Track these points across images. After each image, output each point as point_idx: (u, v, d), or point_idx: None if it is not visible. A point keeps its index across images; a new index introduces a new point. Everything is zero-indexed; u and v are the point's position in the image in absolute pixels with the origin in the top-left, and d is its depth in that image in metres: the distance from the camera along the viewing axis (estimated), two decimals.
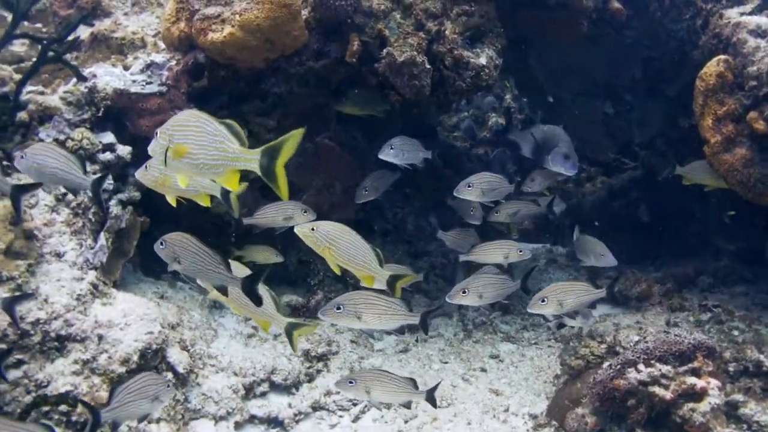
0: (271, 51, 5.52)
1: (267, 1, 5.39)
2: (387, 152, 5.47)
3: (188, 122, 3.42)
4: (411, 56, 5.36)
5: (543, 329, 6.41)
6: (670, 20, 6.41)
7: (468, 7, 5.76)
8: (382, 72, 5.44)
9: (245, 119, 5.74)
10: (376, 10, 5.54)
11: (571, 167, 5.98)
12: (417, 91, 5.45)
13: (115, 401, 4.00)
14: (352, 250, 3.99)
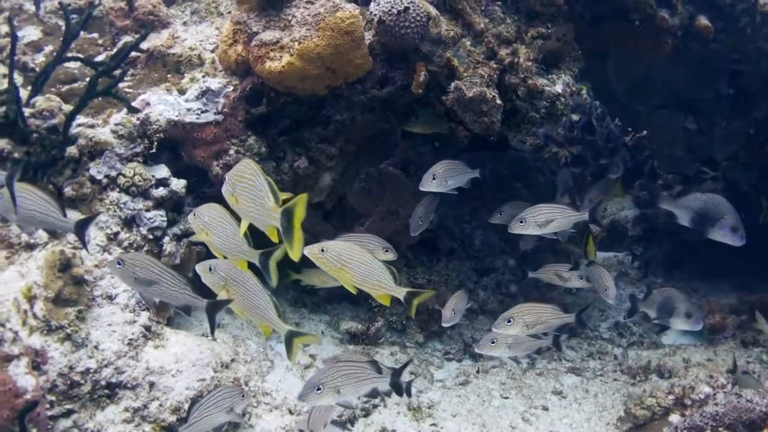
0: (332, 79, 4.94)
1: (328, 28, 4.79)
2: (429, 183, 4.86)
3: (245, 173, 3.52)
4: (481, 92, 4.73)
5: (610, 357, 5.84)
6: (762, 38, 5.65)
7: (545, 29, 5.08)
8: (449, 106, 4.83)
9: (306, 146, 5.20)
10: (445, 37, 4.89)
11: (740, 239, 5.33)
12: (486, 127, 4.83)
13: (192, 418, 3.95)
14: (365, 270, 3.78)
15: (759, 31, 5.64)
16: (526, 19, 5.10)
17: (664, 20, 5.39)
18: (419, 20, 4.80)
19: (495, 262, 6.26)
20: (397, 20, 4.78)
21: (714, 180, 6.97)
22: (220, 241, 3.75)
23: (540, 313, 4.63)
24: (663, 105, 6.24)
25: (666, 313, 5.33)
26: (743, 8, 5.66)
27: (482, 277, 6.16)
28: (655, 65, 5.91)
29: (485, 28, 4.93)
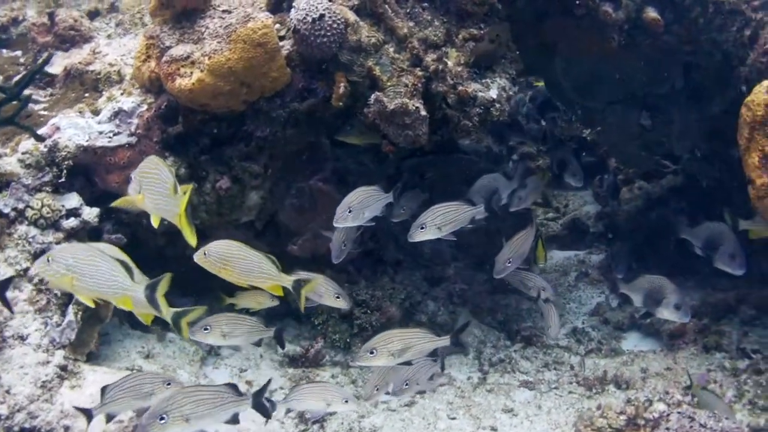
0: (248, 94, 4.34)
1: (239, 40, 4.19)
2: (345, 218, 4.18)
3: (149, 169, 3.52)
4: (402, 104, 4.10)
5: (566, 368, 5.20)
6: (715, 29, 4.95)
7: (477, 30, 4.44)
8: (371, 120, 4.20)
9: (229, 164, 4.59)
10: (366, 44, 4.27)
11: (738, 267, 4.87)
12: (412, 140, 4.21)
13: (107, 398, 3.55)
14: (248, 264, 3.61)
15: (712, 21, 4.95)
16: (457, 20, 4.48)
17: (608, 14, 4.72)
18: (336, 28, 4.17)
19: (446, 271, 5.61)
20: (313, 29, 4.16)
21: (674, 174, 6.32)
22: (94, 281, 3.31)
23: (407, 340, 3.92)
24: (615, 101, 5.56)
25: (654, 302, 4.76)
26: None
27: (433, 288, 5.52)
28: (604, 60, 5.23)
29: (409, 32, 4.29)
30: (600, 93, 5.43)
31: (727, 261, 4.86)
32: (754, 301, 5.45)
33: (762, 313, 5.42)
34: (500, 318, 5.55)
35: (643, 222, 6.13)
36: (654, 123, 5.62)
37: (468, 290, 5.54)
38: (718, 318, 5.46)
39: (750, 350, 5.05)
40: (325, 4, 4.19)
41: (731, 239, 4.88)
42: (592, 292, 5.99)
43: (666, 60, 5.25)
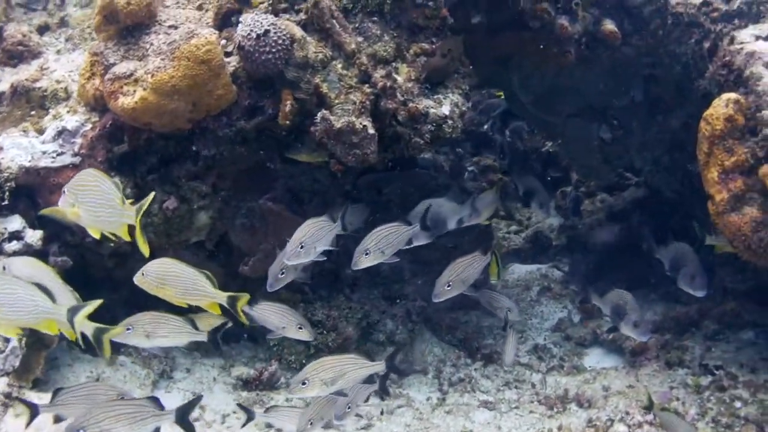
0: (194, 112, 4.10)
1: (183, 57, 3.96)
2: (297, 254, 3.93)
3: (87, 181, 3.41)
4: (349, 122, 3.87)
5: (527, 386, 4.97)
6: (674, 41, 4.75)
7: (428, 45, 4.22)
8: (319, 138, 3.97)
9: (177, 184, 4.36)
10: (313, 60, 4.04)
11: (699, 288, 4.69)
12: (360, 159, 3.98)
13: None
14: (184, 282, 3.50)
15: (670, 33, 4.75)
16: (409, 34, 4.25)
17: (564, 28, 4.51)
18: (281, 43, 3.95)
19: (405, 289, 5.38)
20: (257, 45, 3.94)
21: (637, 187, 6.11)
22: (13, 311, 3.08)
23: (339, 367, 3.68)
24: (574, 114, 5.35)
25: (617, 316, 4.61)
26: (653, 9, 4.77)
27: (391, 306, 5.28)
28: (562, 73, 5.03)
29: (357, 48, 4.06)
30: (559, 106, 5.22)
31: (689, 282, 4.68)
32: (716, 315, 5.25)
33: (725, 327, 5.22)
34: (460, 336, 5.30)
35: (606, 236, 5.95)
36: (614, 136, 5.42)
37: (427, 307, 5.29)
38: (680, 333, 5.26)
39: (713, 366, 4.84)
40: (271, 20, 3.97)
41: (694, 260, 4.70)
42: (554, 307, 5.77)
43: (625, 72, 5.06)
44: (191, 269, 3.52)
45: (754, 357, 4.91)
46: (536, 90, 5.13)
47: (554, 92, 5.14)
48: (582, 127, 5.40)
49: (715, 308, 5.27)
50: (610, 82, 5.09)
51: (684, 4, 4.69)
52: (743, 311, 5.24)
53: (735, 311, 5.24)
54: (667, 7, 4.71)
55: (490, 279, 4.88)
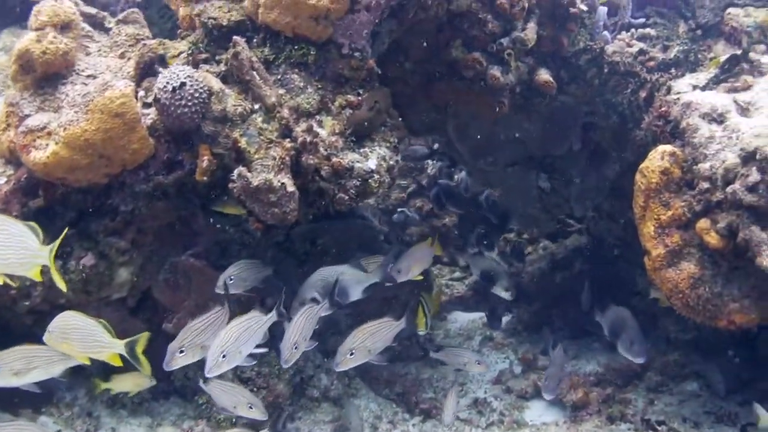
0: (109, 167, 3.75)
1: (97, 110, 3.62)
2: (218, 365, 3.50)
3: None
4: (266, 180, 3.53)
5: None
6: (610, 91, 4.48)
7: (354, 97, 3.90)
8: (237, 195, 3.64)
9: (95, 239, 3.99)
10: (232, 114, 3.71)
11: (638, 355, 4.43)
12: (280, 218, 3.63)
13: None
14: (83, 335, 3.38)
15: (607, 82, 4.47)
16: (334, 85, 3.93)
17: (495, 79, 4.21)
18: (198, 97, 3.62)
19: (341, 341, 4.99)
20: (173, 98, 3.61)
21: (579, 234, 5.81)
22: None
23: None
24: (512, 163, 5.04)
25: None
26: (589, 58, 4.49)
27: (327, 359, 4.92)
28: (500, 122, 4.73)
29: (278, 101, 3.74)
30: (496, 155, 4.91)
31: (628, 348, 4.42)
32: (659, 366, 4.94)
33: (668, 378, 4.91)
34: (398, 389, 4.94)
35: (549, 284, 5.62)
36: (553, 185, 5.12)
37: None
38: (623, 384, 4.95)
39: (655, 421, 4.54)
40: (188, 72, 3.65)
41: (633, 326, 4.44)
42: (496, 358, 5.41)
43: (563, 120, 4.76)
44: (90, 320, 3.41)
45: (697, 410, 4.62)
46: (473, 139, 4.81)
47: (491, 141, 4.83)
48: (520, 177, 5.09)
49: (659, 359, 4.96)
50: (548, 130, 4.80)
51: (620, 53, 4.43)
52: (687, 362, 4.94)
53: (678, 362, 4.94)
54: (603, 56, 4.44)
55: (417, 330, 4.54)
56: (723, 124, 3.85)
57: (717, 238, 3.70)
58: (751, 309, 3.75)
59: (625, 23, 4.74)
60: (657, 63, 4.34)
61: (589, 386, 4.83)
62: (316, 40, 3.84)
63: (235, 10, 3.91)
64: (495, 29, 4.17)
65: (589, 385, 4.85)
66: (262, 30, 3.86)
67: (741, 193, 3.53)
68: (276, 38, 3.85)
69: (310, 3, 3.70)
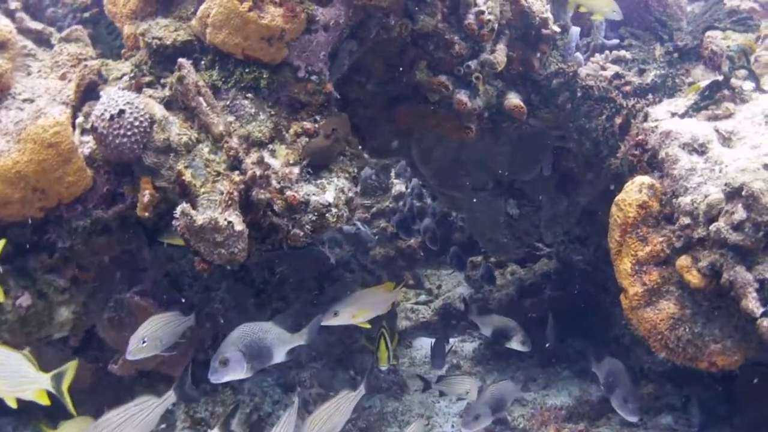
0: (44, 200, 3.26)
1: (29, 140, 3.15)
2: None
3: None
4: (211, 219, 3.05)
5: None
6: (583, 116, 4.04)
7: (310, 124, 3.42)
8: (180, 234, 3.16)
9: (33, 277, 3.49)
10: (176, 143, 3.22)
11: (631, 413, 4.02)
12: (227, 259, 3.15)
13: None
14: (6, 370, 2.97)
15: (579, 107, 4.04)
16: (289, 111, 3.44)
17: (462, 104, 3.75)
18: (139, 125, 3.14)
19: (301, 375, 4.53)
20: (111, 127, 3.13)
21: (548, 258, 5.39)
22: None
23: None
24: (480, 188, 4.60)
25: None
26: (561, 82, 4.04)
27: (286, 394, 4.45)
28: (466, 146, 4.29)
29: (227, 129, 3.25)
30: (462, 180, 4.46)
31: (621, 405, 4.00)
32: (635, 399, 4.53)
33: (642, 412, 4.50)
34: (361, 425, 4.44)
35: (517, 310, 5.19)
36: (522, 211, 4.68)
37: (326, 394, 4.47)
38: (596, 417, 4.52)
39: None
40: (127, 98, 3.16)
41: (626, 382, 4.04)
42: None
43: (533, 145, 4.33)
44: (14, 353, 3.02)
45: None
46: (438, 163, 4.36)
47: (457, 165, 4.38)
48: (488, 203, 4.65)
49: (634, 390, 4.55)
50: (517, 155, 4.36)
51: (594, 77, 4.00)
52: (661, 394, 4.52)
53: (653, 394, 4.52)
54: (577, 79, 4.01)
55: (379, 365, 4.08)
56: (705, 155, 3.44)
57: (699, 277, 3.29)
58: (733, 350, 3.35)
59: (598, 44, 4.32)
60: (633, 87, 3.92)
61: (560, 421, 4.40)
62: (270, 62, 3.36)
63: (182, 29, 3.41)
64: (462, 51, 3.71)
65: (560, 420, 4.41)
66: (211, 51, 3.37)
67: (726, 231, 3.12)
68: (225, 60, 3.36)
69: (261, 23, 3.23)
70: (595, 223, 4.55)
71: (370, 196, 6.01)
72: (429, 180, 4.49)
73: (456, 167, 4.39)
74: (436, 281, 6.20)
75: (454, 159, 4.36)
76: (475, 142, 4.25)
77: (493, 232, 4.79)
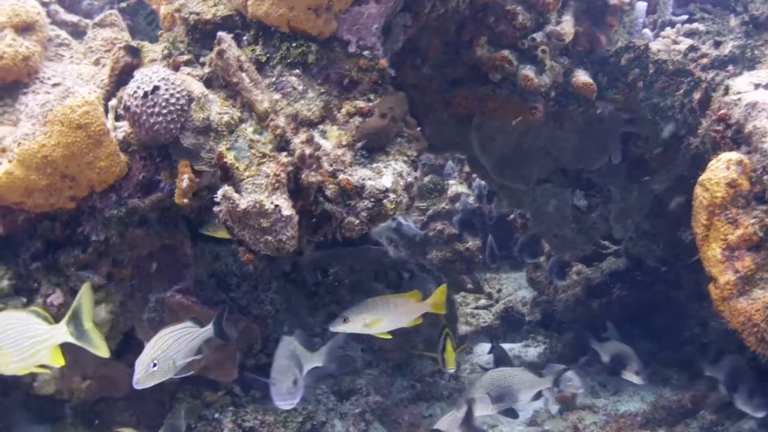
0: (75, 189, 2.85)
1: (56, 122, 2.74)
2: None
3: None
4: (257, 203, 2.61)
5: None
6: (657, 93, 3.51)
7: (364, 103, 2.97)
8: (223, 221, 2.72)
9: (65, 273, 3.06)
10: (217, 123, 2.78)
11: (757, 407, 3.51)
12: (275, 247, 2.69)
13: None
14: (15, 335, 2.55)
15: (653, 84, 3.51)
16: (340, 90, 2.97)
17: (528, 80, 3.27)
18: (175, 103, 2.72)
19: (357, 382, 4.04)
20: (144, 105, 2.71)
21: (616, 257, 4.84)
22: None
23: None
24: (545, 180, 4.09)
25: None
26: (631, 58, 3.54)
27: (341, 402, 3.97)
28: (530, 133, 3.79)
29: (272, 107, 2.80)
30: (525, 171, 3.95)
31: (747, 401, 3.51)
32: (714, 403, 3.96)
33: (723, 417, 3.92)
34: None
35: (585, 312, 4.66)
36: (590, 203, 4.16)
37: (384, 402, 3.99)
38: (672, 424, 3.96)
39: None
40: (162, 74, 2.73)
41: (750, 377, 3.53)
42: None
43: (600, 131, 3.82)
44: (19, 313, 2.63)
45: None
46: (500, 152, 3.86)
47: (520, 155, 3.88)
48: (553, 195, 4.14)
49: (712, 395, 3.99)
50: (584, 142, 3.84)
51: (667, 51, 3.48)
52: None
53: None
54: (648, 54, 3.50)
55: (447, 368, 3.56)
56: None
57: None
58: None
59: (666, 21, 3.81)
60: (710, 60, 3.39)
61: (637, 428, 3.84)
62: (317, 36, 2.91)
63: (221, 3, 2.97)
64: (526, 23, 3.22)
65: (637, 426, 3.86)
66: (254, 26, 2.93)
67: None
68: (270, 35, 2.92)
69: None
70: (665, 216, 4.03)
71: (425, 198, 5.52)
72: (490, 172, 3.97)
73: (518, 157, 3.88)
74: (496, 285, 5.67)
75: (517, 148, 3.85)
76: (538, 130, 3.76)
77: (560, 227, 4.25)
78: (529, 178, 3.95)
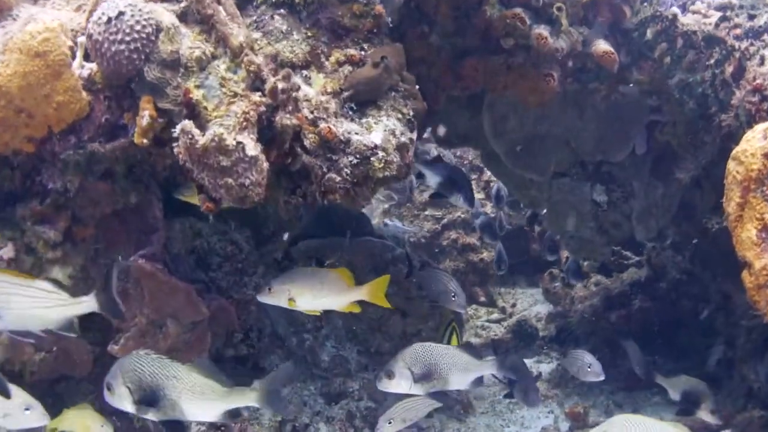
0: (32, 127, 2.45)
1: (15, 49, 2.36)
2: None
3: None
4: (215, 136, 2.19)
5: None
6: (686, 68, 3.03)
7: (356, 51, 2.56)
8: (182, 162, 2.29)
9: (21, 228, 2.65)
10: (187, 57, 2.37)
11: None
12: (236, 194, 2.24)
13: None
14: None
15: (681, 58, 3.05)
16: (330, 36, 2.57)
17: (542, 39, 2.83)
18: (141, 31, 2.32)
19: (349, 384, 3.52)
20: (107, 32, 2.32)
21: (638, 266, 4.31)
22: None
23: None
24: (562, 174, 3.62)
25: None
26: (657, 30, 3.08)
27: (329, 406, 3.46)
28: (546, 118, 3.34)
29: (247, 43, 2.40)
30: (541, 161, 3.48)
31: None
32: (741, 424, 3.38)
33: None
34: None
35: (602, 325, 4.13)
36: (611, 198, 3.66)
37: (377, 409, 3.46)
38: None
39: None
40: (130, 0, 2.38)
41: None
42: (538, 412, 3.87)
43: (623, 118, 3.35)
44: None
45: None
46: (513, 136, 3.40)
47: (537, 143, 3.42)
48: (571, 189, 3.65)
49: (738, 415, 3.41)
50: (606, 130, 3.38)
51: (697, 22, 3.03)
52: None
53: (764, 419, 3.37)
54: (676, 24, 3.05)
55: None
56: None
57: None
58: None
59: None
60: (743, 31, 2.94)
61: None
62: None
63: None
64: None
65: None
66: None
67: None
68: None
69: None
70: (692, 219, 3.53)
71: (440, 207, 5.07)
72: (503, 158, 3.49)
73: (534, 145, 3.41)
74: (510, 299, 5.15)
75: (532, 133, 3.39)
76: (556, 115, 3.32)
77: (577, 226, 3.74)
78: (545, 168, 3.47)
